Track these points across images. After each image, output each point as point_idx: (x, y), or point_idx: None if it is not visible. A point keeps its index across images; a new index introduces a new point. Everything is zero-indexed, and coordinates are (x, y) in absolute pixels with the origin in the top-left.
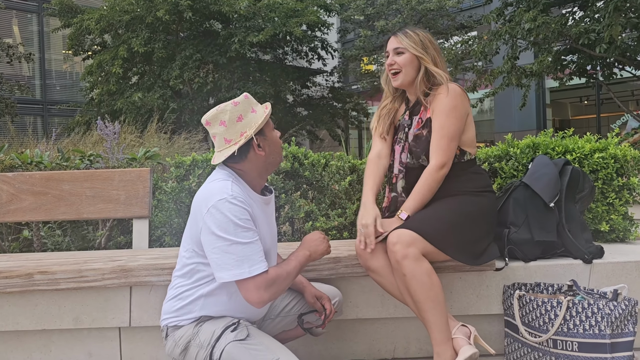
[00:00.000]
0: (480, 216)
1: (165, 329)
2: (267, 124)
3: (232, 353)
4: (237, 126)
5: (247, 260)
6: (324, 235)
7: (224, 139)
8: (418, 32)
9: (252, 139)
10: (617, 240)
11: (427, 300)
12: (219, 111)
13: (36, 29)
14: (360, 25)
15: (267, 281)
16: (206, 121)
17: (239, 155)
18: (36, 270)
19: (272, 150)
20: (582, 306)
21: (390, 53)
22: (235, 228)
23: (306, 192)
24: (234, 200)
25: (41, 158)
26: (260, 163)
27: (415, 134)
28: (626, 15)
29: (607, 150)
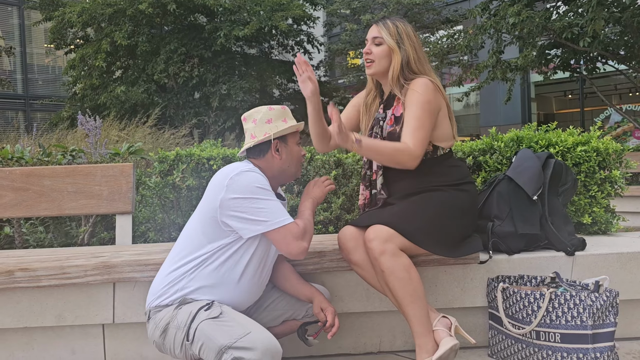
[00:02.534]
0: (458, 210)
1: (148, 312)
2: (292, 136)
3: (204, 330)
4: (264, 126)
5: (280, 212)
6: (317, 179)
7: (250, 135)
8: (398, 24)
9: (272, 141)
10: (599, 233)
11: (406, 295)
12: (256, 111)
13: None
14: (346, 19)
15: (301, 230)
16: (244, 117)
17: (258, 152)
18: (17, 268)
19: (288, 159)
20: (565, 298)
21: (369, 41)
22: (260, 189)
23: (292, 187)
24: (255, 172)
25: (22, 154)
26: (274, 166)
27: (388, 130)
28: (609, 10)
29: (589, 144)
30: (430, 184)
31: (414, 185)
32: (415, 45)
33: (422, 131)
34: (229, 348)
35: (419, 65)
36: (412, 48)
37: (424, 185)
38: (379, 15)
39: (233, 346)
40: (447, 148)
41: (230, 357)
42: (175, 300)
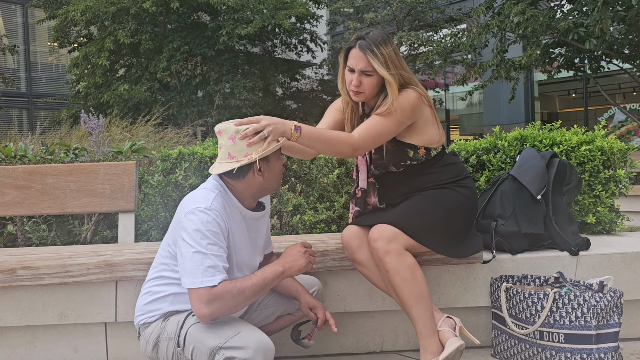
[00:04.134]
0: (460, 207)
1: (137, 329)
2: (274, 153)
3: (194, 334)
4: (243, 147)
5: (202, 271)
6: (306, 249)
7: (228, 153)
8: (382, 49)
9: (255, 162)
10: (604, 232)
11: (411, 296)
12: (234, 128)
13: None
14: (350, 18)
15: (210, 295)
16: (218, 130)
17: (237, 174)
18: (19, 266)
19: (271, 177)
20: (569, 298)
21: (357, 72)
22: (202, 236)
23: (294, 186)
24: (209, 212)
25: (25, 152)
26: (255, 186)
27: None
28: (614, 9)
29: (594, 143)
30: (430, 183)
31: (414, 187)
32: (397, 64)
33: (378, 128)
34: (220, 348)
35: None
36: (397, 71)
37: (425, 186)
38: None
39: (224, 346)
40: (438, 148)
41: (222, 357)
42: (162, 315)
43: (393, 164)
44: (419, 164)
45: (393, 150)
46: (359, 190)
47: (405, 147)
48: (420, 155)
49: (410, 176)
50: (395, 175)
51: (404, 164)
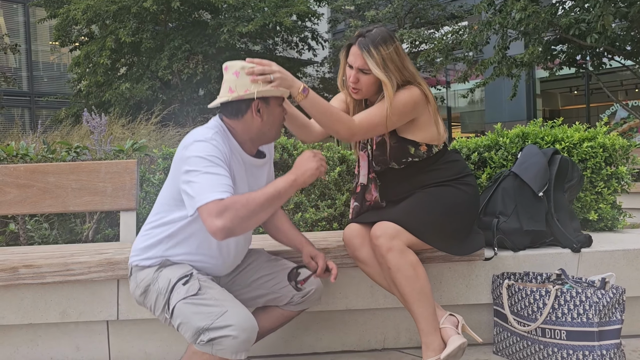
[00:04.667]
0: (462, 205)
1: (130, 269)
2: (276, 99)
3: (182, 310)
4: (246, 82)
5: (210, 187)
6: (316, 152)
7: (229, 88)
8: (381, 49)
9: (254, 100)
10: (606, 229)
11: (413, 293)
12: (240, 63)
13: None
14: (351, 15)
15: (220, 207)
16: (225, 66)
17: (235, 112)
18: (21, 264)
19: (269, 121)
20: (570, 295)
21: (354, 70)
22: (204, 161)
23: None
24: (210, 141)
25: (26, 150)
26: (254, 128)
27: (377, 140)
28: (616, 5)
29: (595, 140)
30: (432, 181)
31: (416, 185)
32: (399, 65)
33: (376, 119)
34: (206, 330)
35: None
36: (398, 71)
37: (426, 183)
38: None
39: (210, 327)
40: (440, 145)
41: (206, 338)
42: (156, 263)
43: (394, 160)
44: (420, 161)
45: (395, 146)
46: (359, 185)
47: (406, 143)
48: (421, 152)
49: (412, 173)
50: (396, 172)
51: (405, 160)
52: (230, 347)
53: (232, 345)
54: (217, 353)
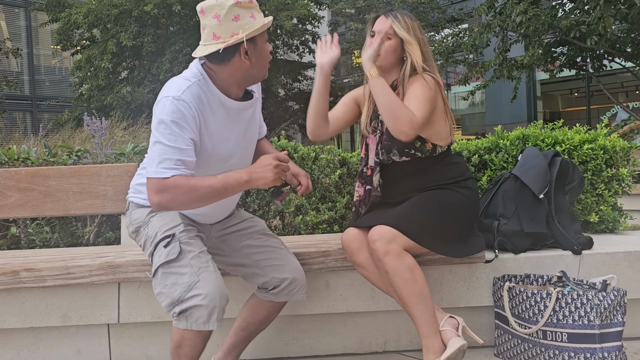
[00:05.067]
0: (461, 209)
1: (127, 204)
2: (261, 35)
3: (162, 278)
4: (230, 25)
5: (160, 161)
6: (278, 163)
7: (212, 34)
8: (407, 19)
9: (242, 43)
10: (607, 231)
11: (411, 296)
12: (218, 3)
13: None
14: (351, 19)
15: (160, 186)
16: (201, 9)
17: (222, 57)
18: (22, 268)
19: (258, 61)
20: (572, 297)
21: (376, 34)
22: (165, 127)
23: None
24: (177, 103)
25: (28, 154)
26: (242, 72)
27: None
28: (616, 7)
29: (596, 142)
30: (432, 182)
31: (415, 185)
32: (421, 42)
33: (427, 107)
34: (179, 302)
35: (425, 62)
36: (420, 43)
37: (426, 185)
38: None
39: (183, 299)
40: (444, 146)
41: (178, 309)
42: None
43: (397, 149)
44: (422, 158)
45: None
46: (369, 168)
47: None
48: (425, 149)
49: (412, 172)
50: (397, 169)
51: (408, 151)
52: (200, 317)
53: (202, 315)
54: (191, 326)
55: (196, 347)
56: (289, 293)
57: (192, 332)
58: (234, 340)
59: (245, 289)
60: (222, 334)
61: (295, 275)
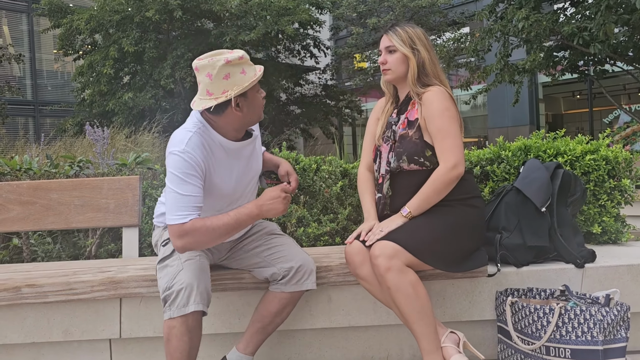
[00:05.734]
0: (466, 227)
1: (153, 226)
2: (252, 88)
3: (158, 273)
4: (221, 83)
5: (176, 208)
6: (285, 195)
7: (206, 90)
8: (407, 29)
9: (232, 99)
10: (610, 242)
11: (413, 312)
12: (210, 63)
13: (26, 29)
14: (353, 23)
15: (181, 231)
16: (196, 67)
17: (217, 110)
18: (24, 284)
19: (250, 111)
20: (575, 313)
21: (383, 52)
22: (176, 179)
23: (297, 197)
24: (183, 155)
25: (30, 164)
26: (236, 121)
27: (401, 133)
28: (617, 12)
29: (598, 152)
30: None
31: None
32: (428, 47)
33: (450, 139)
34: (167, 289)
35: (433, 67)
36: (426, 50)
37: None
38: (385, 19)
39: (169, 287)
40: None
41: (163, 297)
42: (162, 224)
43: (407, 156)
44: (431, 170)
45: (414, 142)
46: (380, 176)
47: (426, 145)
48: (435, 161)
49: (420, 184)
50: (405, 179)
51: (417, 159)
52: (180, 301)
53: (182, 298)
54: (174, 313)
55: (182, 339)
56: (297, 282)
57: (177, 321)
58: (251, 330)
59: (247, 302)
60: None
61: (302, 262)
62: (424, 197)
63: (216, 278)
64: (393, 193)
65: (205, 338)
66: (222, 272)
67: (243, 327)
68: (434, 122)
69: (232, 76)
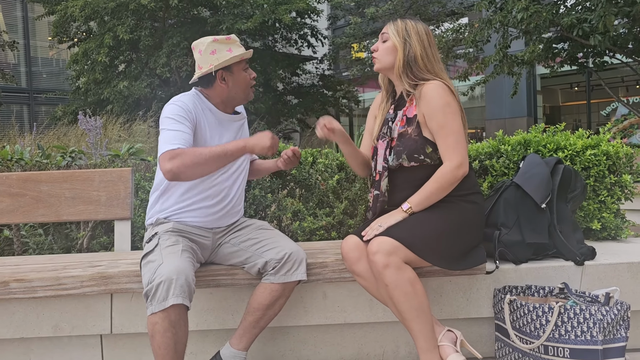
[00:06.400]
0: (466, 224)
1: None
2: (238, 65)
3: (142, 269)
4: (209, 57)
5: (167, 143)
6: (274, 136)
7: (198, 65)
8: (407, 22)
9: (219, 71)
10: (609, 238)
11: (411, 310)
12: (201, 41)
13: (20, 15)
14: (351, 12)
15: (171, 154)
16: (192, 46)
17: (206, 82)
18: (12, 278)
19: (235, 86)
20: (574, 312)
21: (379, 39)
22: (169, 121)
23: (293, 191)
24: (177, 102)
25: (21, 154)
26: (223, 94)
27: (399, 131)
28: (617, 4)
29: (599, 147)
30: None
31: None
32: (425, 43)
33: (452, 136)
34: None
35: (428, 63)
36: (421, 45)
37: None
38: (383, 9)
39: (149, 283)
40: None
41: (145, 292)
42: (152, 222)
43: (407, 154)
44: (431, 166)
45: (414, 139)
46: (377, 173)
47: (426, 142)
48: (436, 156)
49: (420, 180)
50: (405, 175)
51: (417, 157)
52: (160, 294)
53: (162, 292)
54: (155, 308)
55: (165, 334)
56: (287, 272)
57: (158, 316)
58: (244, 325)
59: (240, 298)
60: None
61: (291, 251)
62: (427, 194)
63: (209, 274)
64: (392, 188)
65: (199, 334)
66: (216, 268)
67: (236, 323)
68: (436, 118)
69: (218, 52)
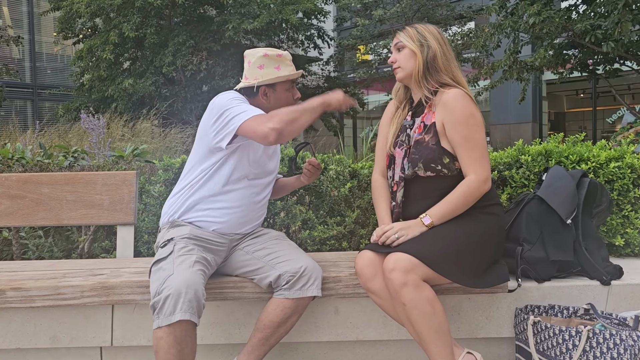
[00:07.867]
0: (486, 238)
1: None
2: (283, 84)
3: (151, 275)
4: (255, 71)
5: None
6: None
7: (245, 75)
8: (417, 26)
9: (262, 87)
10: (632, 255)
11: (430, 331)
12: (253, 53)
13: (26, 10)
14: (358, 14)
15: (265, 116)
16: (244, 54)
17: (249, 93)
18: (9, 286)
19: (276, 104)
20: (604, 337)
21: (393, 52)
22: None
23: (303, 198)
24: (234, 93)
25: (22, 153)
26: (262, 108)
27: (416, 139)
28: (633, 11)
29: (623, 160)
30: None
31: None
32: (440, 41)
33: (478, 150)
34: (156, 294)
35: (446, 62)
36: (438, 43)
37: None
38: (391, 11)
39: (157, 295)
40: None
41: (152, 304)
42: (166, 224)
43: (423, 163)
44: (448, 177)
45: (432, 148)
46: (395, 183)
47: (443, 152)
48: (453, 167)
49: (436, 191)
50: (421, 186)
51: (434, 167)
52: (167, 308)
53: (169, 306)
54: (161, 322)
55: (169, 351)
56: (302, 287)
57: (163, 331)
58: (253, 342)
59: (248, 312)
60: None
61: (307, 265)
62: (451, 208)
63: (217, 287)
64: (406, 199)
65: (204, 348)
66: (224, 281)
67: (243, 337)
68: (459, 130)
69: (265, 67)
